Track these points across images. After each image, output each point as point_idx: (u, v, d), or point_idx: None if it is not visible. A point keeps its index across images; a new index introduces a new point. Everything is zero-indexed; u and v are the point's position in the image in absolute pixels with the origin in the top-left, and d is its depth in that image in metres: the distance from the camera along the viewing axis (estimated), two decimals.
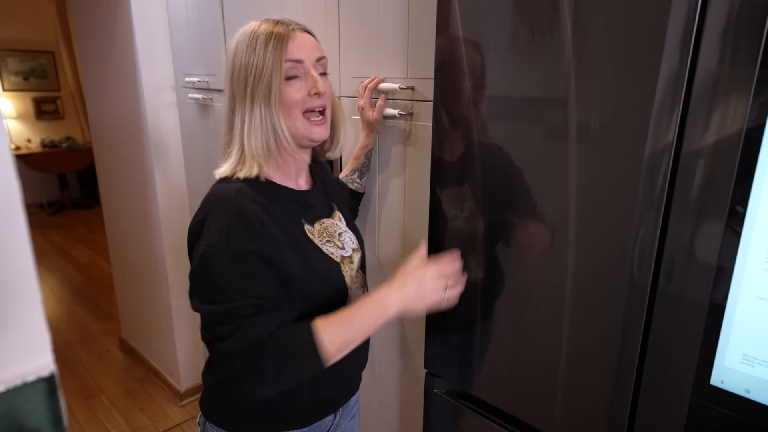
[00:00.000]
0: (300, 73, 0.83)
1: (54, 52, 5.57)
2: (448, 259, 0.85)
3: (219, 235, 0.76)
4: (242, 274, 0.76)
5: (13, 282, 0.30)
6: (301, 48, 0.82)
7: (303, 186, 0.93)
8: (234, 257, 0.76)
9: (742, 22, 0.58)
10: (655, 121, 0.67)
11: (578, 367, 0.82)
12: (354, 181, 1.23)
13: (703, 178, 0.64)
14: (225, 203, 0.79)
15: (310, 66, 0.83)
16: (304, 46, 0.83)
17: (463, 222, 0.94)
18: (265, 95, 0.80)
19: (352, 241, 0.96)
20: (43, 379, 0.32)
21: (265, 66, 0.80)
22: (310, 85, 0.83)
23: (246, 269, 0.76)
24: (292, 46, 0.82)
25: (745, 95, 0.59)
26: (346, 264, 0.92)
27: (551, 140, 0.78)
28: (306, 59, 0.83)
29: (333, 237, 0.93)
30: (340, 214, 0.98)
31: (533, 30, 0.78)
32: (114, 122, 2.34)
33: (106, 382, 2.53)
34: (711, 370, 0.67)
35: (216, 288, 0.76)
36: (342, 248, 0.93)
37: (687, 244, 0.67)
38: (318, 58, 0.85)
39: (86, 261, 4.19)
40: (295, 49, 0.82)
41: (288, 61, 0.81)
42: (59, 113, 5.73)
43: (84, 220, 5.37)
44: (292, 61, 0.81)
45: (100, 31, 2.22)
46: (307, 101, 0.83)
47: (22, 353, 0.31)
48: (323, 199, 0.96)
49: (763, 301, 0.61)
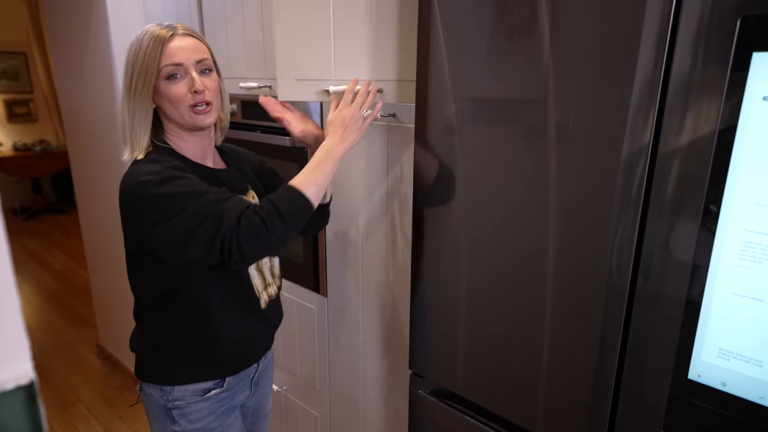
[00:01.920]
0: (181, 73, 0.95)
1: (26, 53, 5.43)
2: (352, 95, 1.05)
3: (151, 175, 0.90)
4: (191, 183, 0.91)
5: None
6: (179, 51, 0.94)
7: (211, 163, 1.07)
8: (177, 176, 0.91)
9: (715, 25, 0.60)
10: (631, 122, 0.68)
11: (560, 365, 0.83)
12: None
13: (679, 177, 0.66)
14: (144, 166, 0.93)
15: (189, 67, 0.95)
16: (183, 49, 0.94)
17: (445, 222, 0.95)
18: (140, 91, 0.94)
19: None
20: (22, 387, 0.31)
21: (143, 67, 0.93)
22: (190, 84, 0.95)
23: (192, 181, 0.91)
24: (170, 49, 0.93)
25: (718, 97, 0.60)
26: None
27: (530, 141, 0.79)
28: (185, 61, 0.94)
29: None
30: (254, 193, 1.12)
31: (512, 32, 0.79)
32: (90, 125, 2.29)
33: (83, 391, 2.48)
34: (688, 365, 0.68)
35: (175, 200, 0.88)
36: None
37: (664, 243, 0.69)
38: (198, 60, 0.96)
39: (62, 267, 4.09)
40: (173, 52, 0.93)
41: (167, 65, 0.93)
42: (32, 116, 5.58)
43: (59, 225, 5.24)
44: (171, 64, 0.94)
45: (74, 32, 2.18)
46: (191, 97, 0.95)
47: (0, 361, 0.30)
48: (236, 178, 1.09)
49: (737, 296, 0.63)
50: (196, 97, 0.95)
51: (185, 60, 0.94)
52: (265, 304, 1.11)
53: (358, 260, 1.35)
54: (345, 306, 1.43)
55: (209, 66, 0.99)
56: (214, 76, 1.00)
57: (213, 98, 0.98)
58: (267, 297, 1.13)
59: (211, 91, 0.98)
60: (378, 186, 1.25)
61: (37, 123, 5.63)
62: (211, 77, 0.99)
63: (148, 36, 0.94)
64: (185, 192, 0.89)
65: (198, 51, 0.97)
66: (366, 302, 1.37)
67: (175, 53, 0.93)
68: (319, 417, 1.63)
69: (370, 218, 1.29)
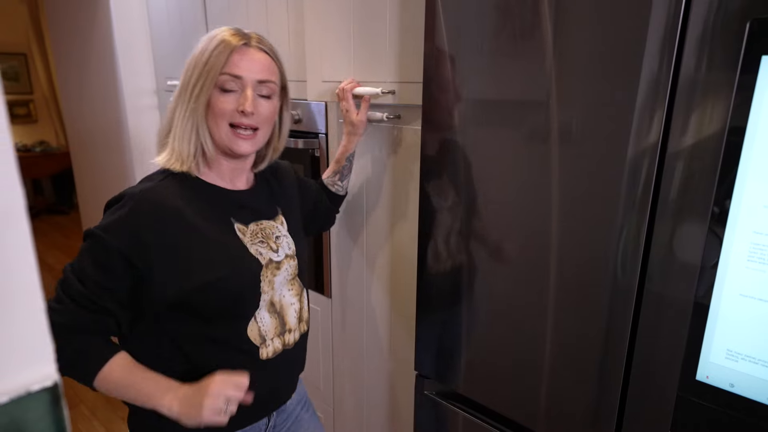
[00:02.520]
0: (237, 88, 0.85)
1: (26, 54, 5.42)
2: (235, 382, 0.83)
3: (106, 222, 0.82)
4: (101, 267, 0.81)
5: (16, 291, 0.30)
6: (244, 64, 0.84)
7: (239, 186, 0.94)
8: (103, 249, 0.80)
9: (724, 27, 0.60)
10: (637, 123, 0.69)
11: (568, 366, 0.83)
12: (335, 183, 1.24)
13: (687, 179, 0.66)
14: (130, 200, 0.83)
15: (248, 84, 0.85)
16: (251, 64, 0.85)
17: (451, 224, 0.95)
18: (196, 96, 0.84)
19: (288, 247, 0.97)
20: (46, 389, 0.31)
21: (204, 70, 0.83)
22: (240, 101, 0.85)
23: (105, 264, 0.81)
24: (236, 59, 0.84)
25: (727, 99, 0.61)
26: (270, 269, 0.92)
27: (535, 142, 0.80)
28: (246, 77, 0.85)
29: (268, 239, 0.93)
30: (284, 218, 0.99)
31: (515, 34, 0.79)
32: (93, 126, 2.30)
33: (85, 392, 2.47)
34: (696, 366, 0.69)
35: (79, 260, 0.82)
36: (275, 251, 0.94)
37: (672, 244, 0.69)
38: (261, 80, 0.86)
39: (62, 268, 4.08)
40: (238, 63, 0.84)
41: (225, 74, 0.83)
42: (32, 117, 5.58)
43: (58, 226, 5.24)
44: (230, 74, 0.84)
45: (76, 33, 2.18)
46: (235, 116, 0.85)
47: (24, 363, 0.30)
48: (265, 200, 0.98)
49: (746, 298, 0.63)
50: (242, 119, 0.85)
51: (246, 74, 0.84)
52: (272, 353, 0.93)
53: (363, 261, 1.35)
54: (349, 307, 1.44)
55: (272, 91, 0.89)
56: (273, 102, 0.90)
57: (262, 125, 0.88)
58: (280, 345, 0.94)
59: (261, 117, 0.87)
60: (383, 187, 1.25)
61: (38, 124, 5.62)
62: (269, 103, 0.88)
63: (217, 39, 0.84)
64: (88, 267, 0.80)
65: (265, 71, 0.87)
66: (370, 303, 1.37)
67: (239, 65, 0.84)
68: (324, 418, 1.63)
69: (374, 219, 1.30)
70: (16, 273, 0.29)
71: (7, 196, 0.28)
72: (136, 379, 0.83)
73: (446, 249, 0.97)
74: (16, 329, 0.30)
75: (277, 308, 0.94)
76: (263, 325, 0.92)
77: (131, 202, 0.82)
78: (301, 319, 1.00)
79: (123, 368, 0.83)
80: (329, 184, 1.23)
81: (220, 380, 0.82)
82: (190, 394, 0.82)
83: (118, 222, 0.81)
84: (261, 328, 0.91)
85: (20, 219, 0.29)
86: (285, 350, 0.96)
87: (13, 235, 0.29)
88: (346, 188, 1.26)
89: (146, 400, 0.82)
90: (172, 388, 0.83)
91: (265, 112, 0.88)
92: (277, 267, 0.93)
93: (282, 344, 0.95)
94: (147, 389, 0.83)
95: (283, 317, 0.96)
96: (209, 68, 0.83)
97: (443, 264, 0.98)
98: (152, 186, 0.85)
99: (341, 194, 1.26)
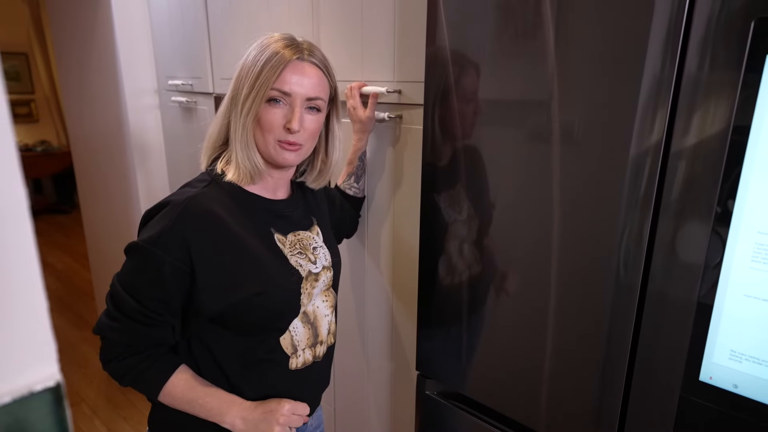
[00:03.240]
0: (286, 102, 0.84)
1: (27, 54, 5.43)
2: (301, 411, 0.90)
3: (153, 234, 0.79)
4: (154, 282, 0.80)
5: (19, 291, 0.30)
6: (295, 81, 0.83)
7: (279, 196, 0.93)
8: (154, 263, 0.79)
9: (728, 27, 0.60)
10: (639, 123, 0.69)
11: (570, 366, 0.83)
12: (351, 186, 1.23)
13: (690, 177, 0.66)
14: (175, 208, 0.81)
15: (297, 102, 0.84)
16: (302, 80, 0.83)
17: (452, 223, 0.95)
18: (248, 110, 0.83)
19: (325, 258, 0.96)
20: (49, 389, 0.31)
21: (256, 83, 0.82)
22: (288, 116, 0.84)
23: (158, 279, 0.79)
24: (287, 76, 0.82)
25: (731, 98, 0.61)
26: (309, 280, 0.91)
27: (536, 142, 0.80)
28: (295, 94, 0.83)
29: (306, 250, 0.93)
30: (319, 229, 0.98)
31: (517, 34, 0.79)
32: (94, 126, 2.30)
33: (87, 391, 2.48)
34: (700, 367, 0.68)
35: (130, 276, 0.82)
36: (313, 263, 0.93)
37: (674, 244, 0.69)
38: (310, 98, 0.85)
39: (63, 267, 4.09)
40: (289, 80, 0.82)
41: (274, 90, 0.82)
42: (33, 116, 5.59)
43: (59, 226, 5.25)
44: (279, 91, 0.82)
45: (77, 33, 2.18)
46: (281, 132, 0.84)
47: (28, 363, 0.30)
48: (302, 211, 0.97)
49: (750, 298, 0.63)
50: (287, 135, 0.84)
51: (296, 91, 0.83)
52: (301, 364, 0.93)
53: (364, 260, 1.35)
54: (353, 305, 1.43)
55: (320, 106, 0.88)
56: (319, 117, 0.88)
57: (306, 141, 0.87)
58: (310, 357, 0.94)
59: (307, 133, 0.86)
60: (385, 187, 1.25)
61: (39, 123, 5.63)
62: (315, 117, 0.87)
63: (271, 50, 0.82)
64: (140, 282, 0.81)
65: (316, 89, 0.85)
66: (372, 302, 1.37)
67: (290, 80, 0.82)
68: (325, 417, 1.63)
69: (377, 218, 1.30)
70: (18, 273, 0.29)
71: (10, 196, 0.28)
72: (198, 394, 0.85)
73: (448, 249, 0.97)
74: (19, 329, 0.30)
75: (311, 319, 0.93)
76: (296, 335, 0.91)
77: (178, 209, 0.80)
78: (329, 331, 0.99)
79: (185, 383, 0.85)
80: (345, 188, 1.23)
81: (289, 410, 0.87)
82: (257, 417, 0.86)
83: (166, 232, 0.78)
84: (294, 338, 0.91)
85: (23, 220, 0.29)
86: (315, 362, 0.95)
87: (15, 236, 0.29)
88: (363, 189, 1.26)
89: (209, 415, 0.85)
90: (234, 403, 0.86)
91: (312, 127, 0.87)
92: (316, 279, 0.93)
93: (312, 356, 0.95)
94: (210, 404, 0.85)
95: (317, 328, 0.95)
96: (261, 83, 0.81)
97: (444, 264, 0.98)
98: (197, 194, 0.83)
99: (359, 196, 1.25)
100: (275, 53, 0.82)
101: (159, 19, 1.93)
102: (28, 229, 0.29)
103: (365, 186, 1.28)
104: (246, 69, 0.83)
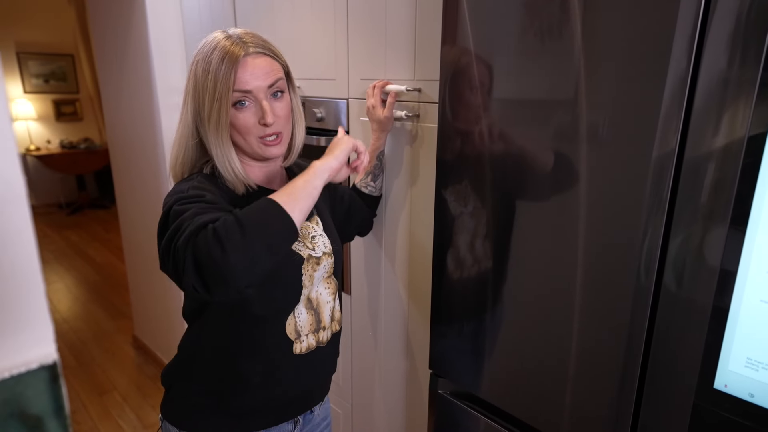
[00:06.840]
0: (249, 100, 0.85)
1: (73, 55, 5.68)
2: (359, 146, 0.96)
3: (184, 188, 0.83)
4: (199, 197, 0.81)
5: (18, 274, 0.31)
6: (251, 77, 0.84)
7: (275, 187, 0.95)
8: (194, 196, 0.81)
9: (747, 26, 0.58)
10: (662, 124, 0.67)
11: (583, 370, 0.81)
12: (368, 184, 1.23)
13: (707, 181, 0.64)
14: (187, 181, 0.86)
15: (261, 96, 0.85)
16: (256, 74, 0.84)
17: (470, 222, 0.95)
18: (216, 123, 0.84)
19: (324, 245, 0.97)
20: (45, 367, 0.33)
21: (215, 95, 0.83)
22: (259, 114, 0.86)
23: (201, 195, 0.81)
24: (242, 75, 0.83)
25: (749, 99, 0.58)
26: (310, 263, 0.94)
27: (559, 142, 0.78)
28: (256, 89, 0.84)
29: (305, 238, 0.95)
30: (318, 218, 1.00)
31: (542, 32, 0.78)
32: (129, 123, 2.39)
33: (119, 379, 2.57)
34: (714, 374, 0.66)
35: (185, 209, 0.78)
36: (312, 249, 0.95)
37: (691, 248, 0.67)
38: (270, 84, 0.86)
39: (102, 260, 4.26)
40: (246, 78, 0.83)
41: (236, 92, 0.83)
42: (78, 115, 5.84)
43: (100, 220, 5.47)
44: (240, 91, 0.84)
45: (116, 34, 2.27)
46: (260, 129, 0.87)
47: (26, 342, 0.32)
48: None
49: (767, 304, 0.60)
50: (266, 130, 0.87)
51: (256, 88, 0.84)
52: (305, 349, 0.95)
53: (381, 258, 1.36)
54: (368, 304, 1.44)
55: (281, 88, 0.89)
56: (286, 98, 0.90)
57: (283, 127, 0.90)
58: (314, 342, 0.96)
59: (281, 119, 0.89)
60: (401, 185, 1.26)
61: (83, 122, 5.88)
62: (282, 101, 0.89)
63: (218, 53, 0.83)
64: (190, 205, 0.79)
65: (271, 74, 0.86)
66: (388, 301, 1.37)
67: (247, 79, 0.83)
68: (342, 414, 1.64)
69: (393, 217, 1.30)
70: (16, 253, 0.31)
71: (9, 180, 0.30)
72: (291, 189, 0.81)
73: (463, 248, 0.97)
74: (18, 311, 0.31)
75: (314, 305, 0.96)
76: (300, 320, 0.94)
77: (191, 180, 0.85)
78: (333, 318, 1.01)
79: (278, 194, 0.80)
80: (362, 187, 1.23)
81: (346, 137, 0.93)
82: (326, 158, 0.89)
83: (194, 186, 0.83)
84: (297, 323, 0.93)
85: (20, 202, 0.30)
86: (319, 347, 0.98)
87: (13, 217, 0.30)
88: (380, 188, 1.26)
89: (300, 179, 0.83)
90: (312, 167, 0.86)
91: (283, 112, 0.89)
92: (317, 262, 0.95)
93: (316, 341, 0.97)
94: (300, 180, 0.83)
95: (320, 314, 0.97)
96: (221, 91, 0.82)
97: (460, 263, 0.98)
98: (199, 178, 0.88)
99: (375, 195, 1.26)
100: (224, 53, 0.83)
101: (191, 17, 1.98)
102: (26, 211, 0.31)
103: (383, 185, 1.28)
104: (199, 84, 0.84)
